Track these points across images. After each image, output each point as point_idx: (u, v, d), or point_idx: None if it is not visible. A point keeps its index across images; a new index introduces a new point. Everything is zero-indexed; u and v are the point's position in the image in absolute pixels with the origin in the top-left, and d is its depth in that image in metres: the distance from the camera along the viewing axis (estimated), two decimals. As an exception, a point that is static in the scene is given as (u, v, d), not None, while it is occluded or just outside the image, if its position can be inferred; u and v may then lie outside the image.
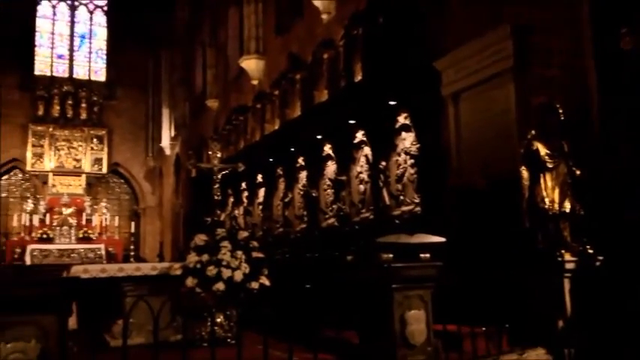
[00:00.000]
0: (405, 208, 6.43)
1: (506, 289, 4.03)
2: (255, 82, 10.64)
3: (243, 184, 10.50)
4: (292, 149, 8.72)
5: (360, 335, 3.56)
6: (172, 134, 15.63)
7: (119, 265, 4.82)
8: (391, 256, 3.30)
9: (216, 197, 5.03)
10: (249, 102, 10.53)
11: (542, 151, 4.07)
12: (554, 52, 4.81)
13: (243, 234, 4.84)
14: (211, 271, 4.52)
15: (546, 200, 4.01)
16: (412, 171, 6.34)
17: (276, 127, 9.21)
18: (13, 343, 2.29)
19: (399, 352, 3.32)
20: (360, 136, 7.26)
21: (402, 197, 6.46)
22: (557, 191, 4.02)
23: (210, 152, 5.49)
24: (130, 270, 4.63)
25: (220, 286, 4.49)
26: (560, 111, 4.15)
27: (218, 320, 4.78)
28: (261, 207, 9.88)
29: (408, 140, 6.44)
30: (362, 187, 7.27)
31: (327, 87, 8.08)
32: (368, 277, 3.45)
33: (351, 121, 7.28)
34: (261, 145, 9.71)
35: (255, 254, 4.84)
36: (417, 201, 6.21)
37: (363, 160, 7.26)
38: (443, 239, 3.55)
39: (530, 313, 3.99)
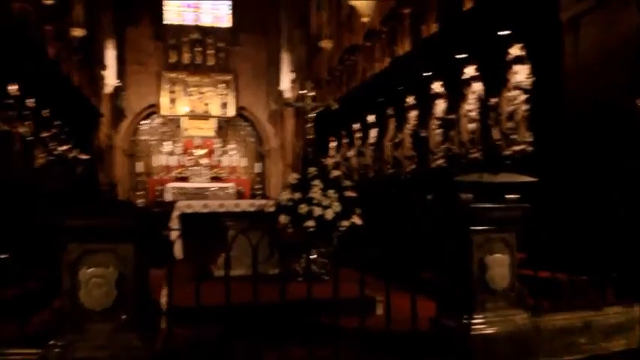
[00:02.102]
0: (516, 148, 6.00)
1: (615, 236, 3.63)
2: (365, 20, 10.36)
3: (356, 125, 10.47)
4: (401, 88, 8.46)
5: (439, 279, 3.44)
6: (291, 77, 15.93)
7: (220, 202, 5.10)
8: (470, 195, 3.10)
9: (309, 136, 5.04)
10: (361, 41, 10.32)
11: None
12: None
13: (335, 173, 4.83)
14: (303, 209, 4.61)
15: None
16: (525, 107, 5.85)
17: (385, 65, 8.95)
18: (94, 268, 2.53)
19: (479, 296, 3.18)
20: (469, 71, 6.82)
21: (513, 136, 6.03)
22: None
23: (304, 91, 5.48)
24: (230, 206, 4.88)
25: (311, 223, 4.57)
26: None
27: (312, 257, 4.90)
28: (372, 148, 9.82)
29: (521, 74, 5.92)
30: (471, 125, 6.88)
31: (436, 20, 7.63)
32: (446, 218, 3.29)
33: (461, 55, 6.85)
34: (371, 84, 9.54)
35: (347, 193, 4.84)
36: (529, 140, 5.77)
37: (472, 96, 6.84)
38: (533, 179, 3.25)
39: (640, 263, 3.58)
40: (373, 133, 9.78)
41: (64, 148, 10.79)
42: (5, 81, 7.41)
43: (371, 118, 9.79)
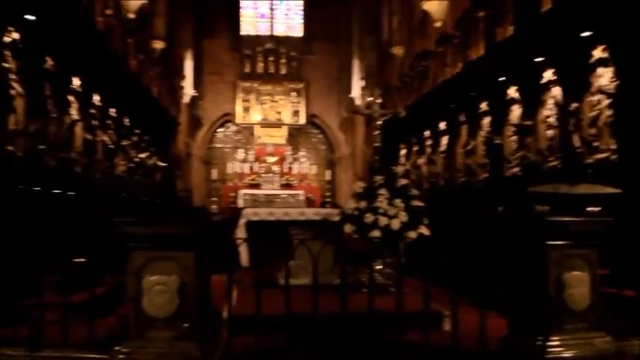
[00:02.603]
0: (598, 156, 5.62)
1: None
2: (437, 25, 10.13)
3: (426, 133, 10.24)
4: (474, 93, 8.19)
5: (512, 296, 3.24)
6: (362, 84, 15.88)
7: (285, 210, 5.11)
8: (547, 207, 2.90)
9: (376, 144, 4.95)
10: (433, 46, 10.10)
11: None
12: None
13: (402, 181, 4.71)
14: (368, 218, 4.53)
15: None
16: (609, 113, 5.46)
17: (457, 71, 8.69)
18: (157, 276, 2.58)
19: (555, 317, 2.96)
20: (548, 75, 6.47)
21: (595, 143, 5.65)
22: None
23: (371, 98, 5.40)
24: (295, 214, 4.86)
25: (376, 233, 4.48)
26: None
27: (378, 267, 4.80)
28: (443, 155, 9.56)
29: (604, 77, 5.54)
30: (549, 132, 6.52)
31: (512, 23, 7.32)
32: (519, 231, 3.09)
33: (538, 59, 6.52)
34: (442, 90, 9.30)
35: (415, 203, 4.70)
36: (613, 147, 5.38)
37: (551, 102, 6.48)
38: (617, 190, 2.99)
39: None
40: (444, 140, 9.52)
41: (144, 155, 11.30)
42: (89, 92, 7.84)
43: (442, 125, 9.55)
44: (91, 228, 4.68)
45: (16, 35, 5.37)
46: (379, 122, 5.17)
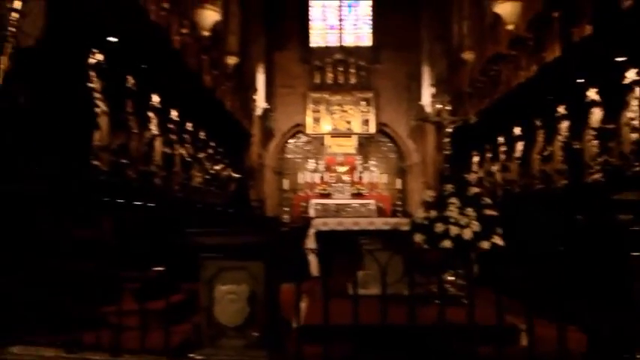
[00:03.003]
0: (692, 160, 5.24)
1: None
2: (510, 28, 9.82)
3: (500, 139, 9.92)
4: (551, 97, 7.85)
5: (592, 311, 3.07)
6: (432, 92, 15.65)
7: (354, 219, 5.11)
8: (631, 216, 2.73)
9: (445, 152, 4.85)
10: (505, 50, 9.80)
11: None
12: None
13: (474, 190, 4.59)
14: (439, 227, 4.44)
15: None
16: (703, 113, 5.09)
17: (532, 74, 8.38)
18: (228, 285, 2.65)
19: (642, 332, 2.77)
20: (631, 75, 6.09)
21: (687, 146, 5.27)
22: None
23: (440, 105, 5.31)
24: (365, 224, 4.85)
25: (447, 243, 4.38)
26: None
27: (449, 278, 4.69)
28: (518, 162, 9.22)
29: (696, 75, 5.18)
30: (634, 135, 6.13)
31: (590, 21, 6.97)
32: (601, 241, 2.92)
33: (620, 58, 6.17)
34: (516, 94, 8.99)
35: (487, 211, 4.56)
36: None
37: (635, 103, 6.10)
38: None
39: None
40: (519, 146, 9.18)
41: (219, 167, 11.70)
42: (167, 108, 8.22)
43: (517, 131, 9.21)
44: (168, 237, 4.89)
45: (100, 57, 5.74)
46: (449, 129, 5.07)
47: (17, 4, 3.65)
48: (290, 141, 18.58)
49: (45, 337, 3.21)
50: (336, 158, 17.69)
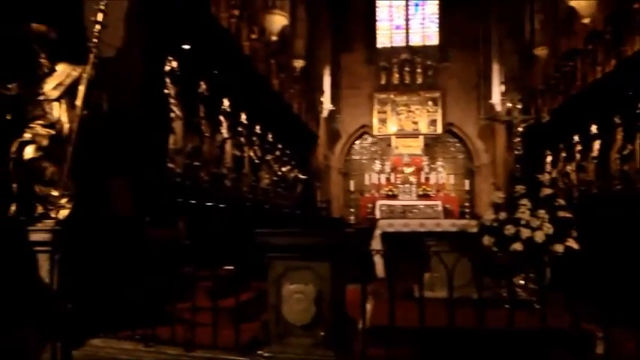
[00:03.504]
0: None
1: None
2: (586, 21, 9.38)
3: (575, 137, 9.50)
4: (631, 92, 7.44)
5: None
6: (502, 90, 15.18)
7: (420, 221, 5.06)
8: None
9: (516, 152, 4.72)
10: (580, 45, 9.37)
11: None
12: None
13: (547, 191, 4.43)
14: (509, 230, 4.32)
15: None
16: None
17: (610, 69, 7.97)
18: (295, 284, 2.72)
19: None
20: None
21: None
22: None
23: (510, 104, 5.16)
24: (431, 226, 4.81)
25: (518, 246, 4.26)
26: None
27: (520, 282, 4.56)
28: (595, 162, 8.79)
29: None
30: None
31: (675, 12, 6.57)
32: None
33: None
34: (593, 91, 8.58)
35: (561, 213, 4.39)
36: None
37: None
38: None
39: None
40: (597, 145, 8.76)
41: (286, 169, 11.91)
42: (237, 111, 8.47)
43: (594, 129, 8.79)
44: (238, 237, 5.05)
45: (174, 64, 6.01)
46: (520, 129, 4.92)
47: (100, 17, 3.90)
48: (356, 142, 18.59)
49: (124, 332, 3.41)
50: (403, 159, 17.50)
